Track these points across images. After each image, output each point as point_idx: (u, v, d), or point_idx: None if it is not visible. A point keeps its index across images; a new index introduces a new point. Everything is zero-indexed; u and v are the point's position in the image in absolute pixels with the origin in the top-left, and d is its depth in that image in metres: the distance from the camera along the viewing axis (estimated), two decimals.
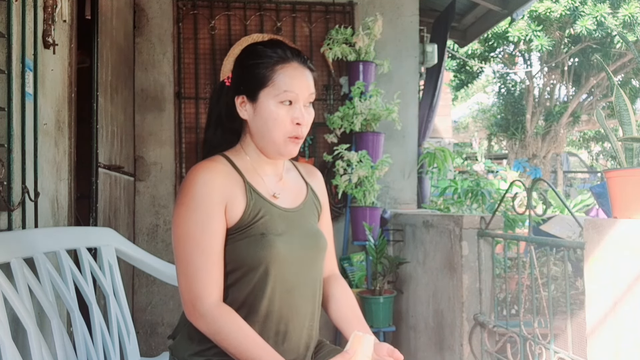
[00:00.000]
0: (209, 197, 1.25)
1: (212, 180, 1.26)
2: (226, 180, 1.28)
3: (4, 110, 1.49)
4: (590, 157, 13.91)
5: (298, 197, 1.41)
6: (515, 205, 2.16)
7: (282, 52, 1.31)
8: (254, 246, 1.27)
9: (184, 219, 1.24)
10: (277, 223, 1.31)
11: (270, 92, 1.29)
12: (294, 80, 1.29)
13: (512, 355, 2.02)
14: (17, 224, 1.56)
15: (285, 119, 1.29)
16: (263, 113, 1.30)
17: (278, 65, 1.29)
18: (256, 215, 1.29)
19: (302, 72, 1.32)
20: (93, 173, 2.39)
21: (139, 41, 3.37)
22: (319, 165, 3.43)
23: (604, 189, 2.42)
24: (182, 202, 1.25)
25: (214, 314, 1.22)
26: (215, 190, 1.26)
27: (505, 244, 2.20)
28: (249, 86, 1.31)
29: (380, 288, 2.97)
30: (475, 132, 14.16)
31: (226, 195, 1.27)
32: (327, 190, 1.55)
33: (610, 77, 1.61)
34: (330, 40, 3.39)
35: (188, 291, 1.23)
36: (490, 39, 8.34)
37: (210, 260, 1.24)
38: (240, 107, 1.33)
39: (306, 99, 1.32)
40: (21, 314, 1.31)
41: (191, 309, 1.23)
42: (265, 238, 1.28)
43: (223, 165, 1.31)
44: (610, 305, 1.43)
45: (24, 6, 1.61)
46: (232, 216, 1.28)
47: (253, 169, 1.35)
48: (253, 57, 1.32)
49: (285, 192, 1.38)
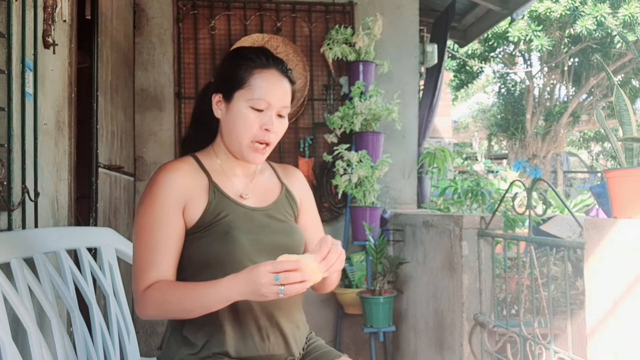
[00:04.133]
0: (166, 197, 1.28)
1: (172, 180, 1.29)
2: (187, 181, 1.31)
3: (4, 110, 1.49)
4: (590, 157, 13.92)
5: (269, 197, 1.42)
6: (515, 205, 2.16)
7: (264, 58, 1.34)
8: (217, 243, 1.29)
9: (141, 216, 1.29)
10: (243, 222, 1.32)
11: (245, 95, 1.31)
12: (270, 88, 1.31)
13: (512, 355, 2.02)
14: (17, 224, 1.56)
15: (254, 123, 1.31)
16: (233, 113, 1.32)
17: (257, 70, 1.32)
18: (218, 214, 1.31)
19: (279, 80, 1.34)
20: (93, 173, 2.39)
21: (139, 41, 3.38)
22: (319, 165, 3.44)
23: (604, 189, 2.42)
24: (143, 200, 1.30)
25: (145, 294, 1.25)
26: (174, 190, 1.29)
27: (505, 244, 2.20)
28: (226, 85, 1.34)
29: (380, 288, 2.97)
30: (475, 132, 14.17)
31: (185, 195, 1.30)
32: (327, 190, 1.56)
33: (610, 77, 1.61)
34: (330, 40, 3.39)
35: (134, 284, 1.28)
36: (490, 39, 8.35)
37: (157, 257, 1.26)
38: (216, 106, 1.36)
39: (279, 110, 1.33)
40: (21, 314, 1.31)
41: (134, 301, 1.27)
42: (229, 235, 1.29)
43: (188, 166, 1.34)
44: (610, 305, 1.43)
45: (24, 6, 1.61)
46: (192, 215, 1.30)
47: (222, 170, 1.38)
48: (235, 58, 1.36)
49: (255, 193, 1.40)
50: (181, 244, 1.30)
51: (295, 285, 1.11)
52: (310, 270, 1.13)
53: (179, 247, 1.30)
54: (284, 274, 1.11)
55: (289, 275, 1.11)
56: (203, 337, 1.29)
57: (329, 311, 3.42)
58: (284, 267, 1.11)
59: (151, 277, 1.26)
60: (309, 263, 1.14)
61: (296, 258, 1.14)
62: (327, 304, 3.42)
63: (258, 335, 1.30)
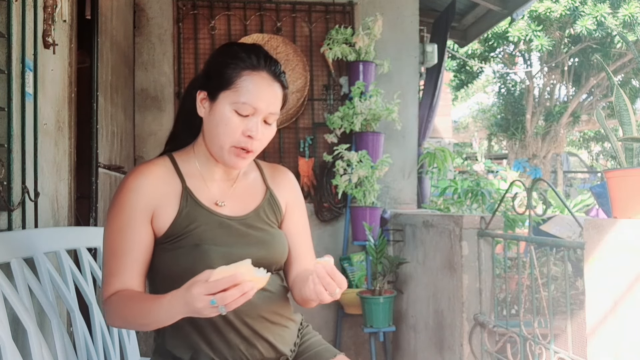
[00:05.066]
0: (132, 205, 1.21)
1: (139, 186, 1.22)
2: (157, 187, 1.24)
3: (4, 110, 1.49)
4: (590, 157, 13.92)
5: (250, 204, 1.33)
6: (515, 205, 2.16)
7: (255, 58, 1.23)
8: (185, 257, 1.21)
9: (108, 223, 1.24)
10: (216, 233, 1.24)
11: (230, 97, 1.21)
12: (257, 92, 1.21)
13: (512, 355, 2.02)
14: (17, 224, 1.56)
15: (237, 128, 1.21)
16: (217, 115, 1.22)
17: (246, 71, 1.22)
18: (189, 224, 1.23)
19: (269, 84, 1.23)
20: (93, 173, 2.38)
21: (139, 41, 3.38)
22: (319, 165, 3.44)
23: (604, 189, 2.42)
24: (110, 205, 1.24)
25: (107, 302, 1.20)
26: (141, 197, 1.22)
27: (505, 244, 2.19)
28: (212, 84, 1.24)
29: (380, 288, 2.97)
30: (475, 132, 14.17)
31: (153, 202, 1.23)
32: (327, 190, 1.53)
33: (610, 77, 1.61)
34: (330, 40, 3.39)
35: (102, 290, 1.24)
36: (490, 39, 8.34)
37: (121, 266, 1.20)
38: (200, 103, 1.26)
39: (266, 116, 1.24)
40: (21, 314, 1.30)
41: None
42: (199, 249, 1.21)
43: (162, 169, 1.27)
44: (610, 305, 1.43)
45: (24, 6, 1.61)
46: (161, 225, 1.23)
47: (199, 173, 1.30)
48: (225, 55, 1.26)
49: (234, 199, 1.31)
50: (148, 253, 1.24)
51: (236, 301, 1.01)
52: (249, 281, 1.02)
53: (146, 256, 1.23)
54: (220, 295, 1.00)
55: (225, 295, 0.99)
56: (187, 351, 1.25)
57: (329, 311, 3.43)
58: (218, 287, 1.00)
59: (114, 285, 1.20)
60: (247, 273, 1.02)
61: (232, 271, 1.01)
62: (327, 304, 3.41)
63: (244, 344, 1.25)
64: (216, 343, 1.24)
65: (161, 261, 1.24)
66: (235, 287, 1.00)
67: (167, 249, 1.24)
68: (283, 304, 1.34)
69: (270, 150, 3.43)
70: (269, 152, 3.42)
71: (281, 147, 3.43)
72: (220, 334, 1.24)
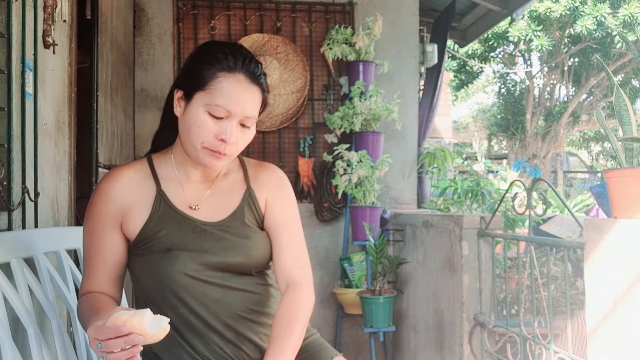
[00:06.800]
0: (101, 210, 1.22)
1: (111, 191, 1.23)
2: (128, 191, 1.23)
3: (4, 110, 1.49)
4: (590, 157, 13.91)
5: (228, 206, 1.29)
6: (515, 205, 2.16)
7: (232, 59, 1.19)
8: (156, 263, 1.20)
9: (83, 226, 1.26)
10: (189, 238, 1.22)
11: (204, 98, 1.17)
12: (232, 96, 1.17)
13: (512, 355, 2.02)
14: (17, 224, 1.56)
15: (210, 130, 1.18)
16: (190, 116, 1.19)
17: (222, 72, 1.18)
18: (161, 229, 1.22)
19: (245, 88, 1.19)
20: (93, 173, 2.39)
21: (139, 41, 3.38)
22: (319, 165, 3.44)
23: (604, 189, 2.42)
24: (86, 209, 1.26)
25: (78, 303, 1.23)
26: (110, 202, 1.22)
27: (505, 244, 2.19)
28: (188, 83, 1.21)
29: (380, 288, 2.97)
30: (475, 132, 14.17)
31: (124, 207, 1.23)
32: (327, 190, 1.51)
33: (610, 77, 1.61)
34: (330, 40, 3.39)
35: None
36: (490, 39, 8.34)
37: (91, 270, 1.22)
38: (176, 102, 1.23)
39: (242, 120, 1.20)
40: (21, 314, 1.30)
41: None
42: (170, 254, 1.20)
43: (136, 172, 1.26)
44: (610, 305, 1.43)
45: (24, 6, 1.61)
46: (131, 229, 1.23)
47: (175, 175, 1.27)
48: (202, 54, 1.22)
49: (211, 202, 1.28)
50: (120, 257, 1.23)
51: (119, 353, 0.96)
52: (138, 335, 0.97)
53: (117, 261, 1.23)
54: (105, 342, 0.96)
55: (109, 343, 0.96)
56: (171, 356, 1.23)
57: (329, 311, 3.43)
58: (104, 336, 0.97)
59: (85, 286, 1.22)
60: (138, 326, 0.97)
61: (123, 321, 0.97)
62: (327, 304, 3.42)
63: (229, 346, 1.23)
64: (198, 347, 1.22)
65: (135, 266, 1.24)
66: (121, 337, 0.96)
67: (139, 254, 1.23)
68: (267, 303, 1.30)
69: (271, 150, 3.43)
70: (269, 152, 3.43)
71: (281, 147, 3.44)
72: (201, 338, 1.22)
